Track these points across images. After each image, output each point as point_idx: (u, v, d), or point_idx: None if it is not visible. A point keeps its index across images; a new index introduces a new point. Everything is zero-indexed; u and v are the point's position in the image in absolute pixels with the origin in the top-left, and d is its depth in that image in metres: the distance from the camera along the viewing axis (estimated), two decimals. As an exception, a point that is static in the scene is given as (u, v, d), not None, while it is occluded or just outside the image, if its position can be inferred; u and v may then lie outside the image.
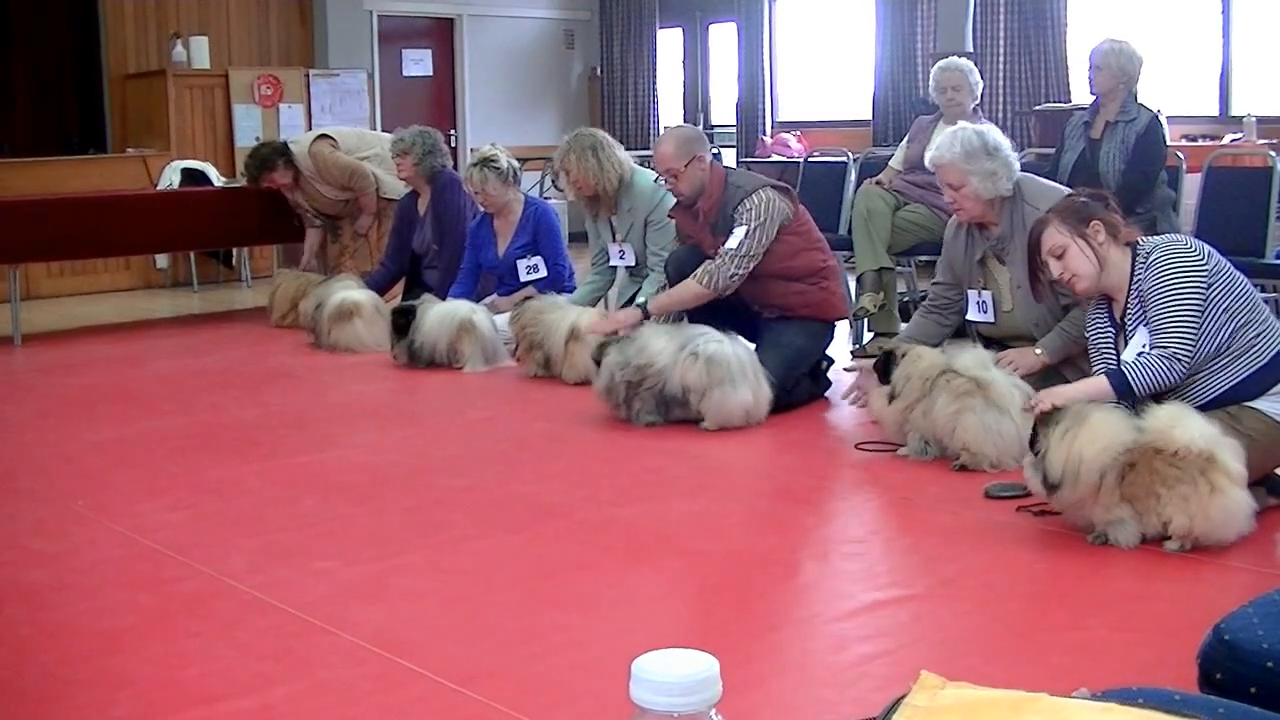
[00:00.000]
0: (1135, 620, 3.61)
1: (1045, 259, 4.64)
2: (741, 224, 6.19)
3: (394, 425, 6.33)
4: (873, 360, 5.48)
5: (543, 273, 8.08)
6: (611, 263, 7.73)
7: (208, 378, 7.65)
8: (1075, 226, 4.55)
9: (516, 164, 8.24)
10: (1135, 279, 4.50)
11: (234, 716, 3.07)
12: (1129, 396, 4.34)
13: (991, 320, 5.76)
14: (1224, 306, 4.39)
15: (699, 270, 6.22)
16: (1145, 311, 4.46)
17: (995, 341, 5.74)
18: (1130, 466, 4.08)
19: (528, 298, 7.55)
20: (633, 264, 7.55)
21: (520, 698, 3.12)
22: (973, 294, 5.82)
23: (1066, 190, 5.65)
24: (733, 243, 6.19)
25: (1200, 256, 4.44)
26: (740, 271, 6.20)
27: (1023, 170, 5.73)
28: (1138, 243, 4.55)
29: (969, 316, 5.85)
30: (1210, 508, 4.04)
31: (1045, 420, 4.26)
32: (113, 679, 3.31)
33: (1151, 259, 4.45)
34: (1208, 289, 4.39)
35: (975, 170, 5.55)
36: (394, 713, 3.09)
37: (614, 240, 7.66)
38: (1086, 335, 4.79)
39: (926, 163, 5.90)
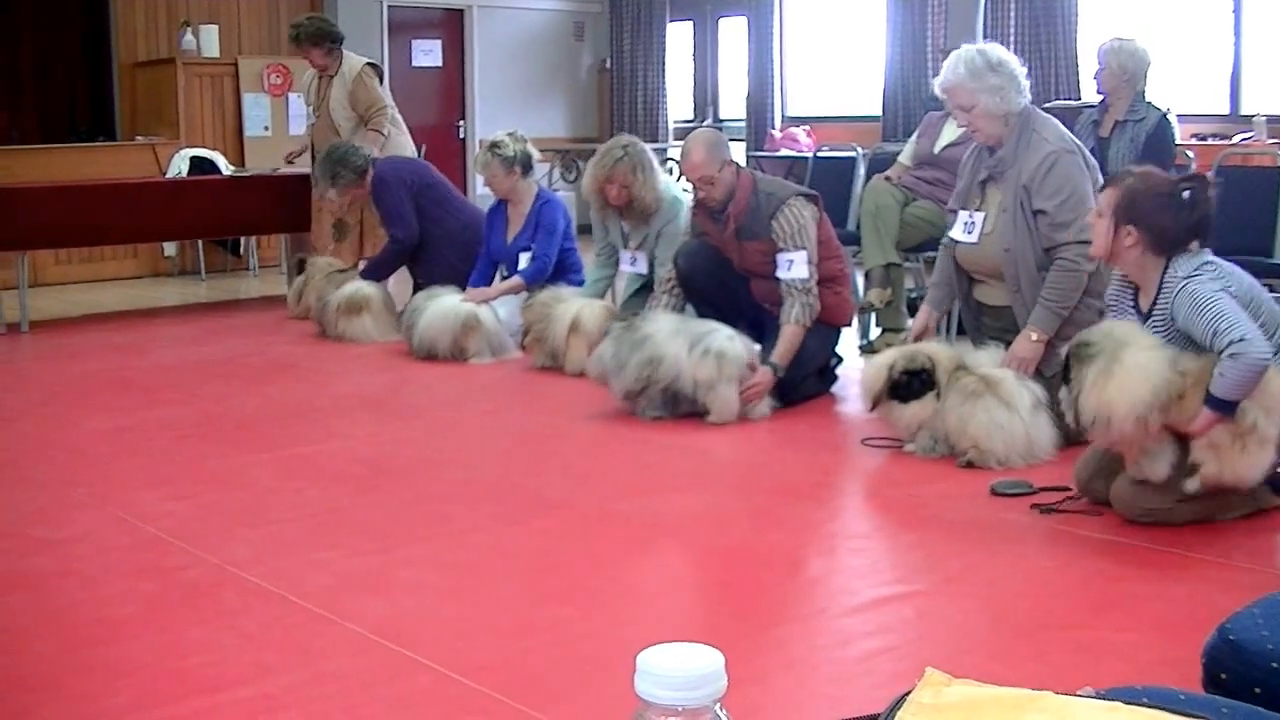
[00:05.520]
0: (1140, 619, 3.61)
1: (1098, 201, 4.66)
2: (797, 247, 6.16)
3: (397, 417, 6.32)
4: (894, 380, 5.36)
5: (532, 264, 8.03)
6: (623, 268, 7.70)
7: (213, 367, 7.64)
8: (1120, 213, 4.48)
9: (532, 153, 8.20)
10: (1163, 293, 4.44)
11: (235, 706, 3.07)
12: (1229, 408, 4.23)
13: (974, 241, 5.73)
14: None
15: (793, 316, 6.13)
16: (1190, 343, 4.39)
17: (972, 292, 5.83)
18: (1180, 398, 4.13)
19: (524, 290, 7.58)
20: (644, 271, 7.52)
21: (524, 690, 3.12)
22: (964, 214, 5.80)
23: (1078, 141, 5.66)
24: (801, 272, 6.15)
25: (1214, 273, 4.38)
26: (816, 297, 6.21)
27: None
28: (1170, 260, 4.45)
29: (953, 235, 5.83)
30: (1239, 464, 4.18)
31: (1079, 356, 4.27)
32: (114, 667, 3.30)
33: (1178, 295, 4.34)
34: (1231, 290, 4.36)
35: (981, 87, 5.56)
36: (397, 703, 3.09)
37: (625, 246, 7.64)
38: (1108, 308, 4.76)
39: (936, 90, 5.89)
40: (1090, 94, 10.82)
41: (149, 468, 5.32)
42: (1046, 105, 11.40)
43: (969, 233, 5.73)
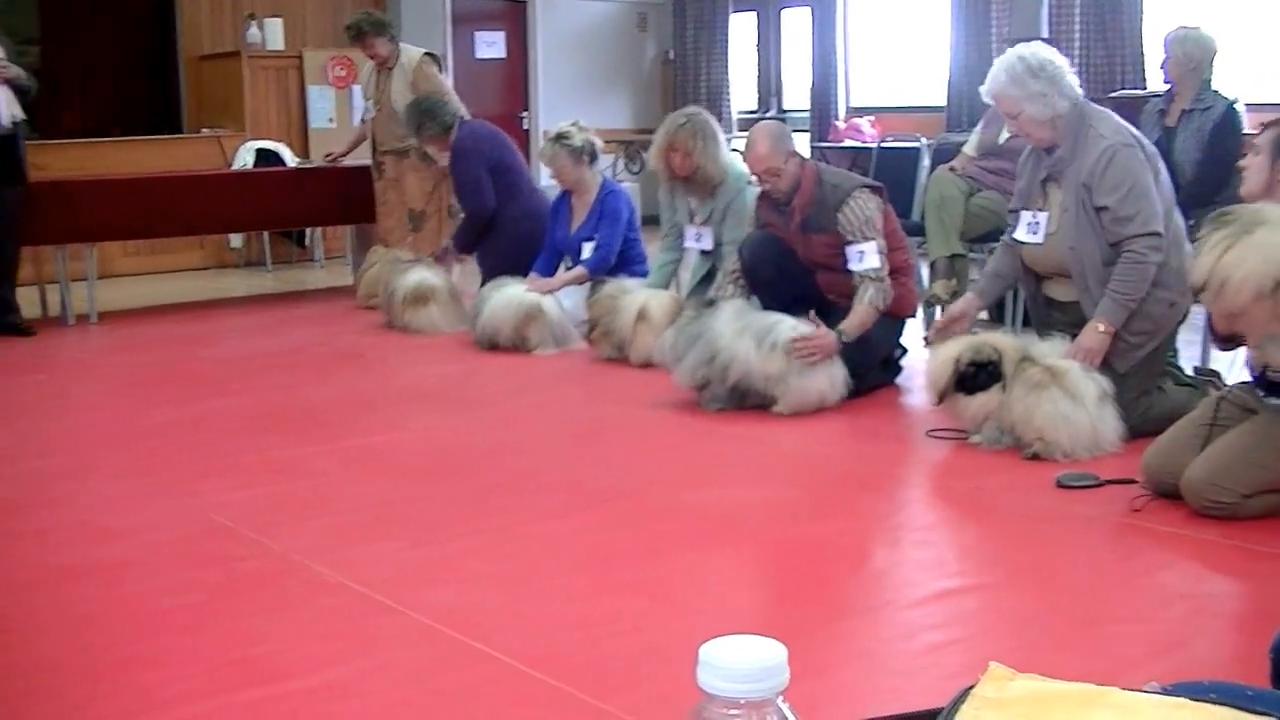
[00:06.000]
0: (1207, 613, 3.58)
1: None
2: (866, 238, 6.13)
3: (462, 407, 6.34)
4: (961, 372, 5.32)
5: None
6: (688, 244, 7.71)
7: (278, 358, 7.69)
8: (1277, 149, 4.54)
9: (596, 143, 8.21)
10: None
11: (300, 695, 3.08)
12: None
13: (1039, 241, 5.68)
14: None
15: (867, 298, 6.09)
16: None
17: (1041, 288, 5.76)
18: None
19: (599, 282, 7.56)
20: (709, 248, 7.53)
21: (587, 680, 3.12)
22: (1026, 214, 5.73)
23: (1136, 132, 5.59)
24: (873, 261, 6.12)
25: None
26: (889, 285, 6.18)
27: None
28: None
29: (1016, 236, 5.77)
30: None
31: (1214, 222, 4.22)
32: (179, 656, 3.33)
33: None
34: None
35: (1024, 94, 5.51)
36: (460, 692, 3.10)
37: (691, 222, 7.65)
38: None
39: (984, 97, 5.86)
40: (1156, 83, 10.72)
41: (215, 458, 5.36)
42: (1112, 94, 11.35)
43: (1034, 233, 5.68)
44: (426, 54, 9.69)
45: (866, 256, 6.12)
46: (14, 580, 3.96)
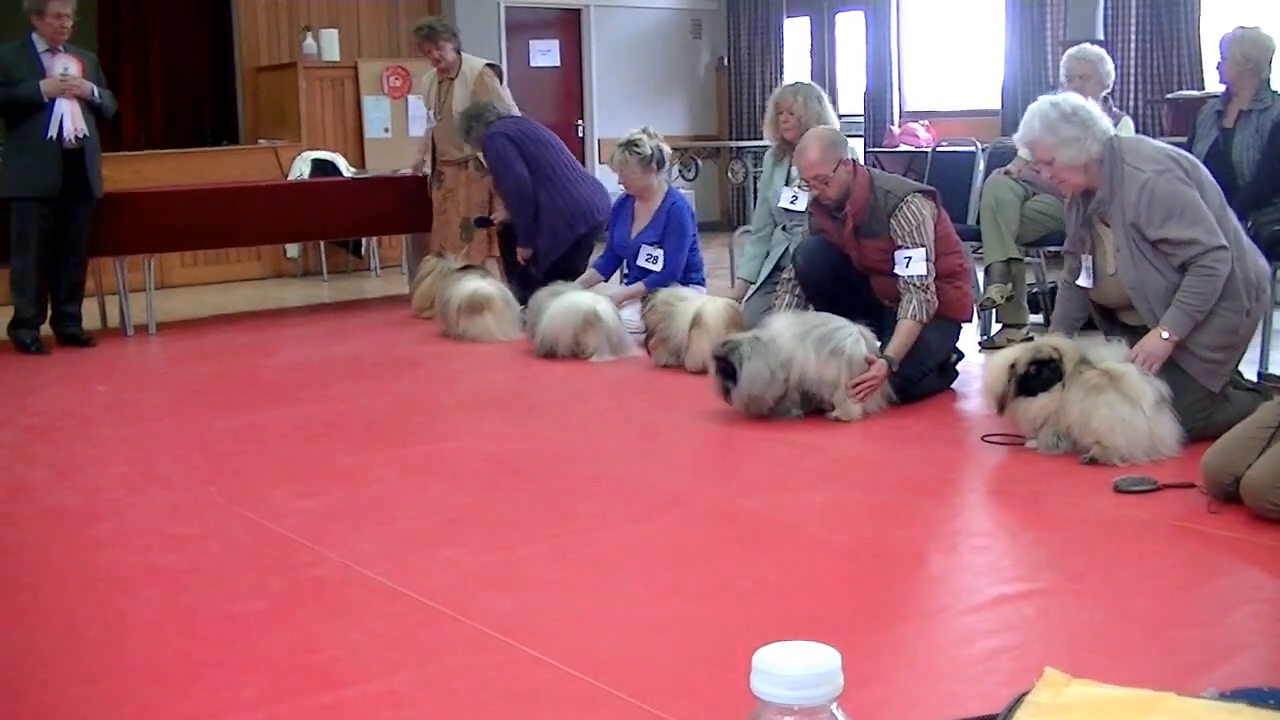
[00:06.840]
0: (1267, 619, 3.55)
1: None
2: (915, 245, 6.12)
3: (521, 414, 6.36)
4: (1021, 372, 5.30)
5: (658, 267, 8.08)
6: (780, 205, 7.85)
7: (337, 366, 7.74)
8: None
9: (665, 150, 8.29)
10: None
11: (361, 701, 3.11)
12: None
13: (1097, 284, 5.66)
14: None
15: (910, 311, 6.08)
16: None
17: (1115, 319, 5.70)
18: None
19: (644, 295, 7.58)
20: (801, 209, 7.60)
21: (642, 686, 3.13)
22: (1086, 259, 5.73)
23: (1170, 150, 5.55)
24: (920, 269, 6.10)
25: None
26: (934, 294, 6.17)
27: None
28: None
29: (1079, 283, 5.76)
30: None
31: None
32: (242, 662, 3.36)
33: None
34: None
35: (1058, 141, 5.48)
36: (518, 699, 3.11)
37: (787, 184, 7.79)
38: None
39: (1017, 146, 5.85)
40: (1214, 84, 10.65)
41: (277, 466, 5.40)
42: (1169, 96, 11.29)
43: (1089, 277, 5.67)
44: (489, 65, 9.78)
45: (913, 263, 6.11)
46: (80, 587, 4.01)
